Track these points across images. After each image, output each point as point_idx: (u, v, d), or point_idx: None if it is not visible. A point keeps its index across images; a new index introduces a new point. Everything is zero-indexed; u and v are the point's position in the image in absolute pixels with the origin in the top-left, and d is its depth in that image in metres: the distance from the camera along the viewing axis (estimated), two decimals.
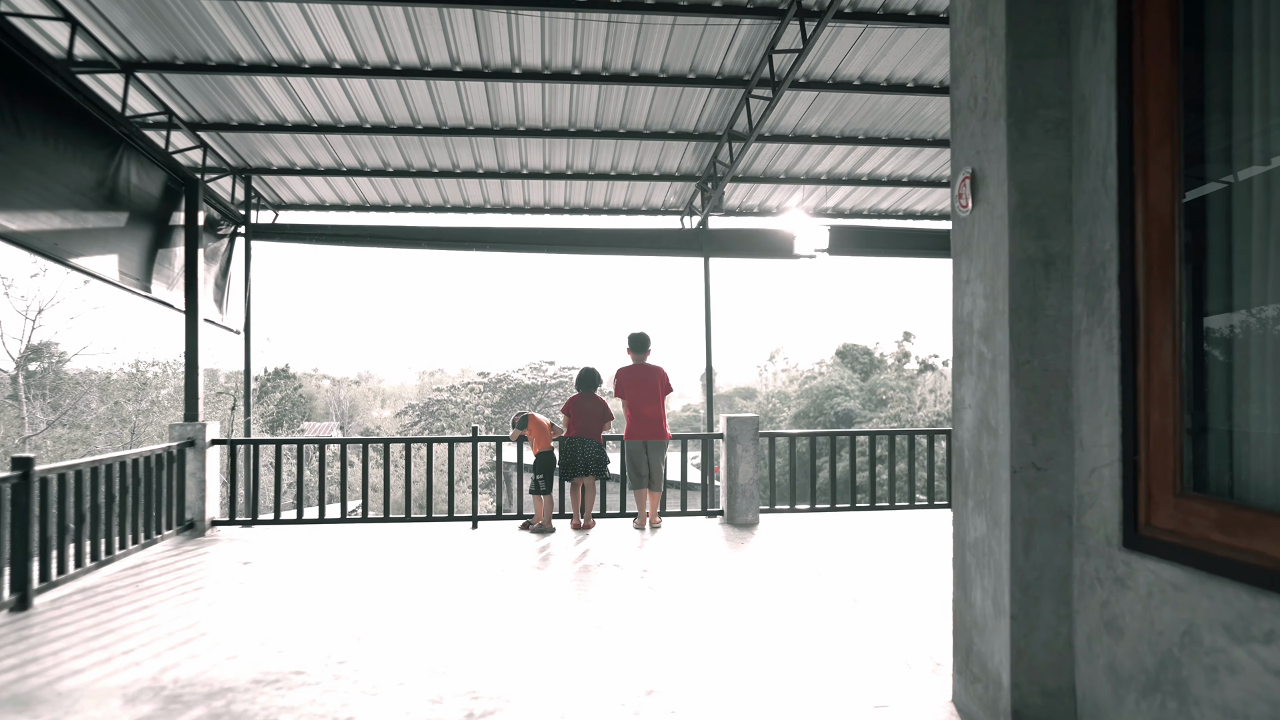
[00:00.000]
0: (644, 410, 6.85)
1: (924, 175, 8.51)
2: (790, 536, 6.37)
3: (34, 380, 30.85)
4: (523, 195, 8.96)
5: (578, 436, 6.80)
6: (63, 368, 31.54)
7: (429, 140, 7.35)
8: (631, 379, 6.88)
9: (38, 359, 34.17)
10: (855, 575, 5.03)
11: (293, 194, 8.79)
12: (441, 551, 5.89)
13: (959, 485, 2.88)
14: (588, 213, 9.38)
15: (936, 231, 9.20)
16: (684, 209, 9.32)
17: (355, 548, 6.05)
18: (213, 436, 6.77)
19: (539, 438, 6.78)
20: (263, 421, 36.09)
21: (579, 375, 6.94)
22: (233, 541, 6.32)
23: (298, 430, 45.52)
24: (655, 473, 6.92)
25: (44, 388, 30.20)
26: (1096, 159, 2.44)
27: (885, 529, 6.63)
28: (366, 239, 8.15)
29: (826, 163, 8.14)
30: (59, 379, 30.79)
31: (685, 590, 4.70)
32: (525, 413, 6.86)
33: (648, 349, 6.98)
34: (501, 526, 6.94)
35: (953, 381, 2.89)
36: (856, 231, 8.81)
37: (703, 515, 7.25)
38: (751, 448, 7.08)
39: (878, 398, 48.76)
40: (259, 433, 32.49)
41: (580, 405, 6.86)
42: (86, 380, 30.20)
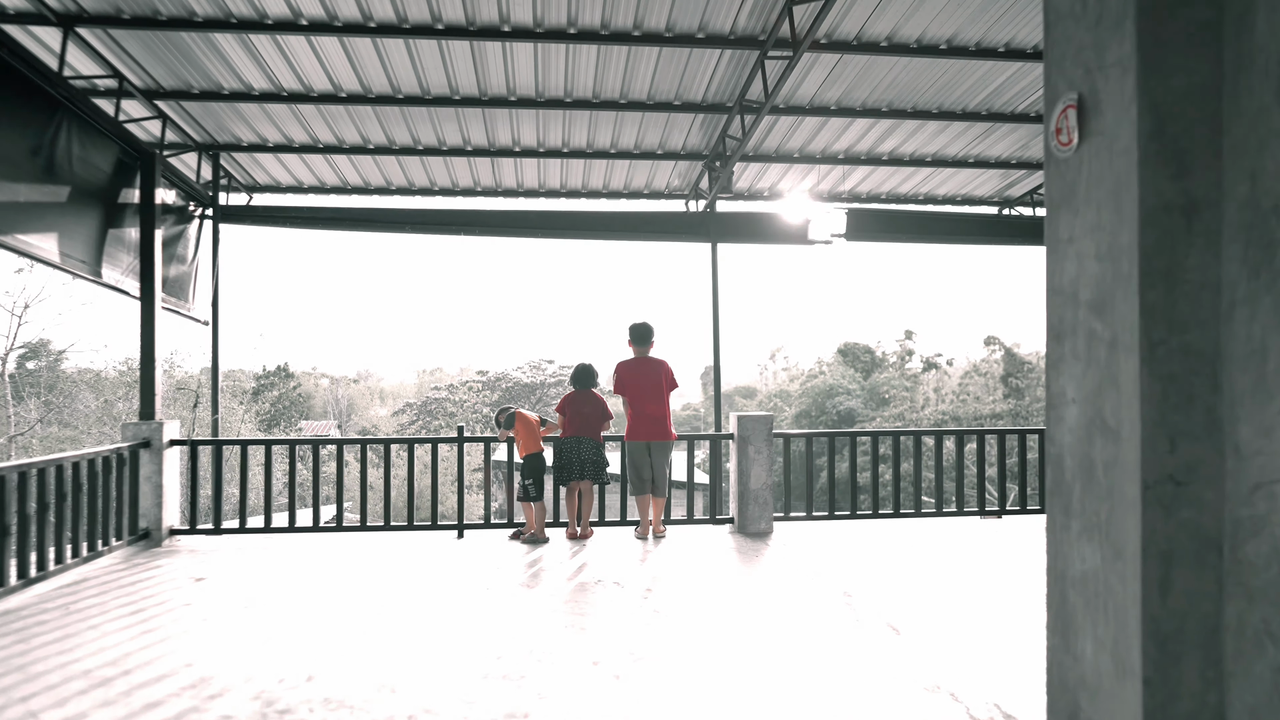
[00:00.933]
0: (646, 408, 6.22)
1: (949, 154, 7.87)
2: (809, 548, 5.74)
3: (31, 379, 30.16)
4: (515, 177, 8.33)
5: (574, 436, 6.18)
6: (60, 366, 30.83)
7: (411, 112, 6.71)
8: (633, 374, 6.26)
9: (35, 357, 33.57)
10: (891, 598, 4.39)
11: (268, 175, 8.15)
12: (420, 566, 5.26)
13: (1055, 502, 2.26)
14: (585, 196, 8.75)
15: (965, 216, 8.56)
16: (689, 192, 8.68)
17: (325, 561, 5.41)
18: (171, 436, 6.13)
19: (527, 438, 6.16)
20: (258, 421, 35.46)
21: (575, 371, 6.31)
22: (191, 554, 5.69)
23: (295, 430, 44.92)
24: (659, 477, 6.29)
25: (39, 386, 29.56)
26: (1266, 69, 1.81)
27: (917, 540, 6.00)
28: (346, 222, 7.51)
29: (844, 140, 7.50)
30: (56, 377, 30.05)
31: (695, 615, 4.07)
32: (511, 409, 6.23)
33: (651, 341, 6.36)
34: (489, 536, 6.31)
35: (1048, 369, 2.27)
36: (876, 215, 8.17)
37: (710, 523, 6.62)
38: (765, 449, 6.46)
39: (879, 397, 48.21)
40: (251, 433, 31.87)
41: (577, 403, 6.23)
42: (80, 378, 29.51)
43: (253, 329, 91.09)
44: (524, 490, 6.09)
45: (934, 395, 42.31)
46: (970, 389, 42.48)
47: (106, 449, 5.51)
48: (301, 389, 55.21)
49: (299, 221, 7.45)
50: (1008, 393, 40.82)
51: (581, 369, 6.31)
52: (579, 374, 6.30)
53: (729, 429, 6.66)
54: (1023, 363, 42.88)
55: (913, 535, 6.20)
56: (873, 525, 6.66)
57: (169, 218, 6.85)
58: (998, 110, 6.84)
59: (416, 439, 6.26)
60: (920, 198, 8.92)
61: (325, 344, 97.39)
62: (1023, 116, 6.92)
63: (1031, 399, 37.59)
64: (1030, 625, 3.86)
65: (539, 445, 6.24)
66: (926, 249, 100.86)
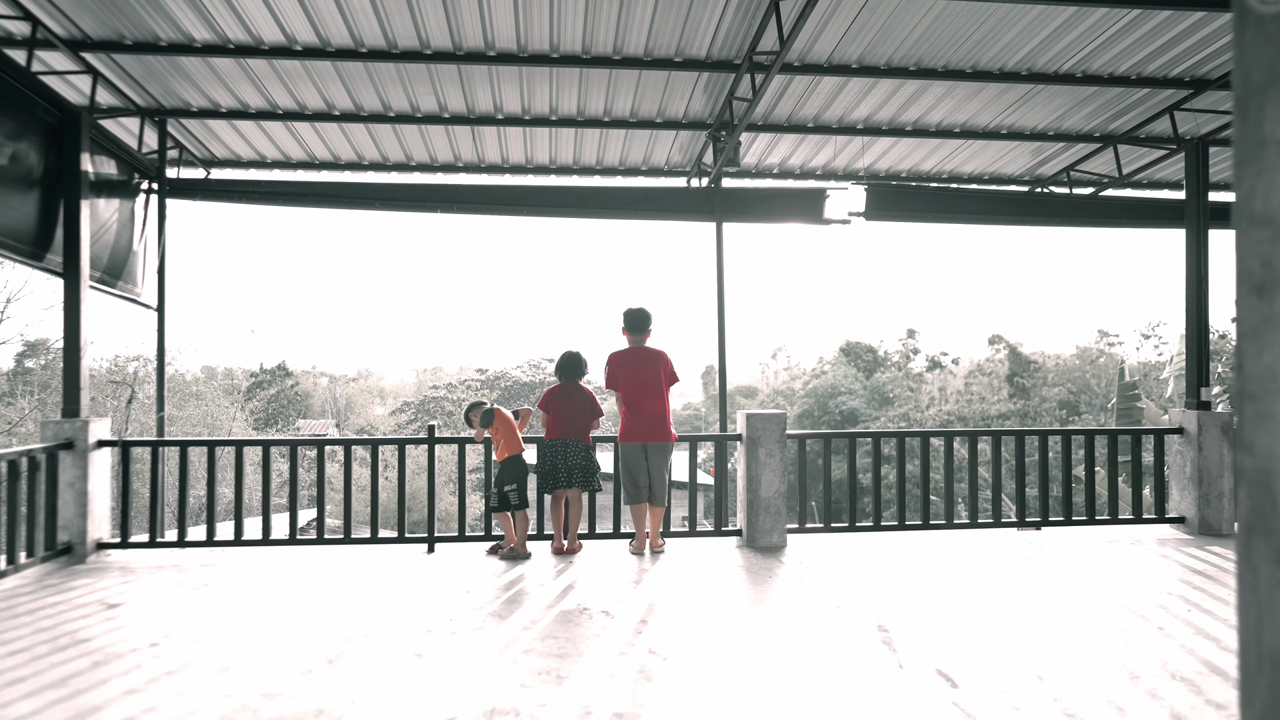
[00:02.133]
0: (643, 405, 5.46)
1: (979, 124, 7.09)
2: (829, 567, 4.97)
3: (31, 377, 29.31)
4: (500, 150, 7.55)
5: (559, 438, 5.41)
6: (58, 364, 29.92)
7: (378, 70, 5.93)
8: (627, 366, 5.49)
9: (34, 355, 32.79)
10: (936, 636, 3.62)
11: (227, 149, 7.38)
12: (378, 588, 4.49)
13: (1256, 543, 1.51)
14: (577, 173, 7.97)
15: (995, 193, 7.78)
16: (691, 169, 7.91)
17: (268, 582, 4.64)
18: (100, 436, 5.37)
19: (509, 438, 5.40)
20: (252, 420, 34.61)
21: (559, 361, 5.55)
22: (120, 572, 4.92)
23: (293, 429, 44.14)
24: (657, 483, 5.53)
25: (33, 385, 28.74)
26: None
27: (952, 558, 5.23)
28: (309, 198, 6.74)
29: (864, 107, 6.73)
30: (51, 375, 29.15)
31: (699, 658, 3.30)
32: (488, 405, 5.46)
33: (648, 329, 5.60)
34: (464, 551, 5.54)
35: (1242, 341, 1.52)
36: (899, 191, 7.39)
37: (715, 535, 5.85)
38: (777, 452, 5.69)
39: (882, 396, 47.53)
40: (242, 432, 31.05)
41: (562, 399, 5.47)
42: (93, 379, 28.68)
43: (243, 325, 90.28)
44: (503, 498, 5.33)
45: (939, 395, 41.53)
46: (975, 389, 41.74)
47: (15, 450, 4.75)
48: (299, 387, 54.52)
49: (257, 197, 6.68)
50: (1013, 392, 40.09)
51: (567, 358, 5.54)
52: (564, 364, 5.54)
53: (736, 429, 5.89)
54: (1028, 362, 42.15)
55: (946, 551, 5.43)
56: (899, 539, 5.89)
57: (108, 190, 6.08)
58: (1039, 70, 6.06)
59: (381, 439, 5.50)
60: (944, 176, 8.14)
61: (325, 342, 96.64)
62: (1066, 77, 6.14)
63: (1040, 399, 36.79)
64: (1122, 677, 3.08)
65: (521, 446, 5.48)
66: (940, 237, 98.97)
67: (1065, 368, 40.66)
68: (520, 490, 5.37)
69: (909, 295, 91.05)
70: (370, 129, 6.92)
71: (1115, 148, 7.22)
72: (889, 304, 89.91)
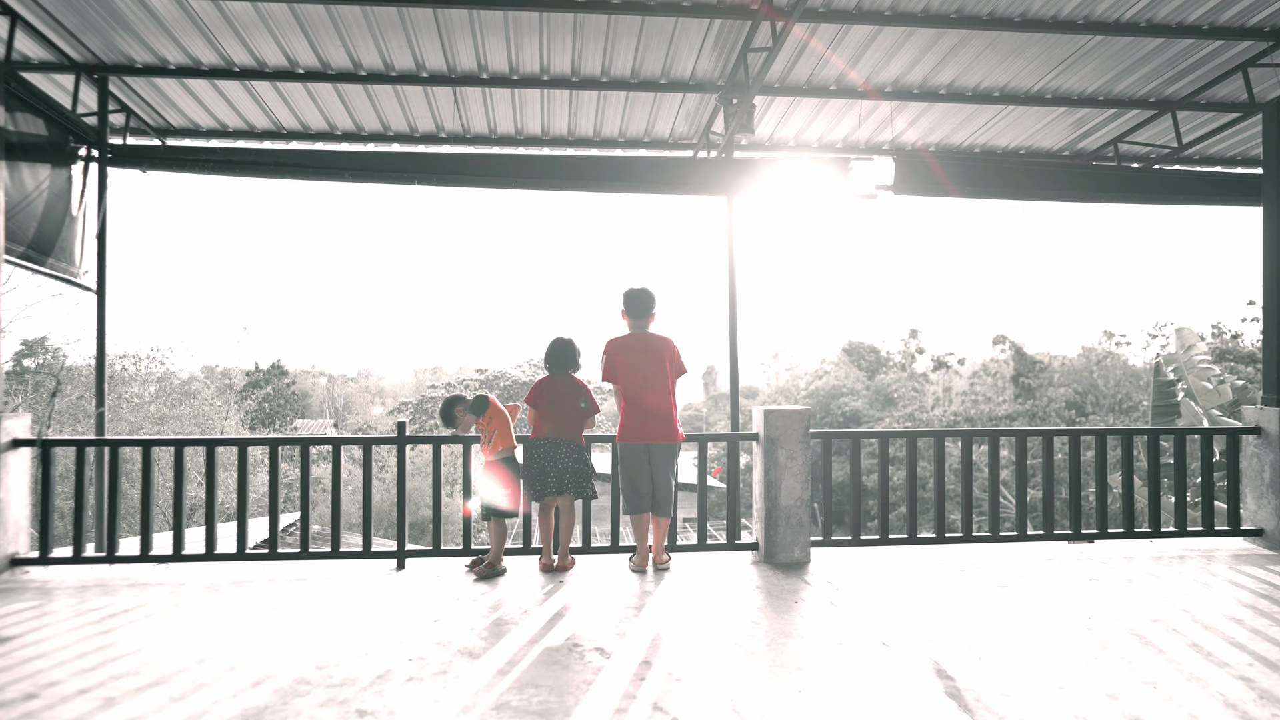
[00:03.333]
0: (646, 400, 4.72)
1: (1021, 87, 6.35)
2: (864, 589, 4.23)
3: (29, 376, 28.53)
4: (486, 118, 6.81)
5: (548, 437, 4.67)
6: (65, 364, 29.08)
7: (342, 14, 5.19)
8: (628, 355, 4.75)
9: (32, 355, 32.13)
10: (1015, 687, 2.86)
11: (183, 115, 6.63)
12: (331, 618, 3.74)
13: None
14: (571, 145, 7.22)
15: (1037, 165, 7.02)
16: (698, 142, 7.16)
17: (201, 608, 3.89)
18: (15, 435, 4.63)
19: (504, 431, 4.67)
20: (246, 420, 33.80)
21: (549, 349, 4.81)
22: (31, 594, 4.18)
23: (290, 429, 43.44)
24: (662, 490, 4.79)
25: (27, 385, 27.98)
26: None
27: (1004, 575, 4.48)
28: (270, 167, 5.99)
29: (894, 66, 5.98)
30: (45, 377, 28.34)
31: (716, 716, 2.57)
32: (484, 396, 4.72)
33: (651, 312, 4.86)
34: (439, 567, 4.80)
35: None
36: (934, 162, 6.64)
37: (728, 549, 5.11)
38: (800, 454, 4.95)
39: (886, 397, 46.90)
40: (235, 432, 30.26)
41: (551, 393, 4.73)
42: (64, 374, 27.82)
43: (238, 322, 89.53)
44: (492, 506, 4.59)
45: (944, 396, 40.84)
46: (980, 389, 41.06)
47: None
48: (297, 387, 53.88)
49: (212, 166, 5.94)
50: (1018, 393, 39.39)
51: (557, 346, 4.80)
52: (554, 353, 4.79)
53: (753, 428, 5.15)
54: (1034, 362, 41.48)
55: (995, 567, 4.69)
56: (938, 553, 5.15)
57: (34, 155, 5.34)
58: (1097, 18, 5.33)
59: (345, 439, 4.76)
60: (975, 151, 7.39)
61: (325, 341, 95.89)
62: (1128, 27, 5.40)
63: (1047, 400, 36.05)
64: None
65: (515, 442, 4.75)
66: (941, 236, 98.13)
67: (1070, 368, 39.96)
68: (518, 493, 4.64)
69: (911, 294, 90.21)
70: (340, 91, 6.18)
71: (1174, 115, 6.48)
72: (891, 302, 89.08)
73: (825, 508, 5.21)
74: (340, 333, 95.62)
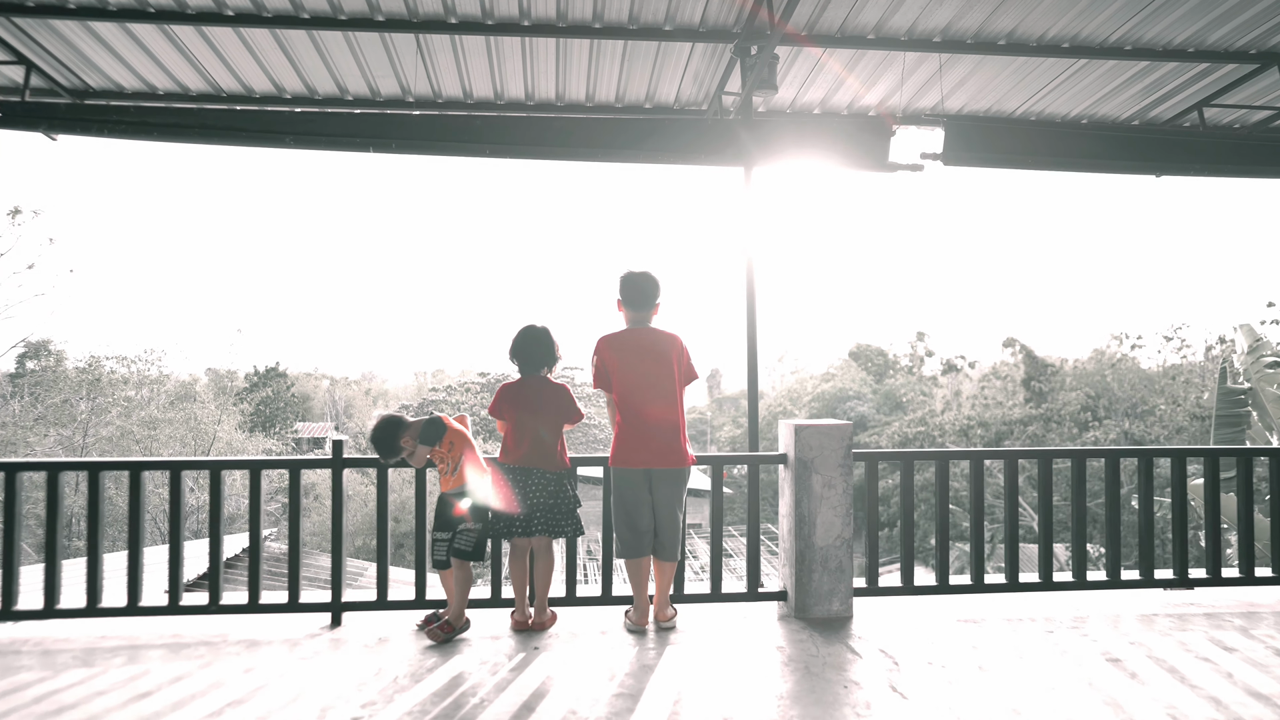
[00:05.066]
0: (647, 412, 3.70)
1: (1096, 37, 5.31)
2: (929, 659, 3.20)
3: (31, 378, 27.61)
4: (460, 79, 5.80)
5: (519, 465, 3.66)
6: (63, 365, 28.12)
7: None
8: (625, 355, 3.74)
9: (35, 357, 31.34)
10: None
11: (103, 76, 5.63)
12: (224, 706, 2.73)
13: None
14: (561, 111, 6.21)
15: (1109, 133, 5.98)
16: (709, 108, 6.15)
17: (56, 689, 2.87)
18: None
19: (473, 457, 3.67)
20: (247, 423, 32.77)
21: (516, 341, 3.79)
22: None
23: (291, 432, 42.52)
24: (667, 528, 3.76)
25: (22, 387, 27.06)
26: None
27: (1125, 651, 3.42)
28: (196, 130, 4.96)
29: (945, 9, 4.96)
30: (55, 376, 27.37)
31: None
32: (438, 418, 3.70)
33: (655, 302, 3.85)
34: (383, 624, 3.78)
35: None
36: (989, 127, 5.61)
37: (748, 598, 4.08)
38: (840, 481, 3.93)
39: (894, 401, 45.90)
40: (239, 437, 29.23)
41: (521, 402, 3.71)
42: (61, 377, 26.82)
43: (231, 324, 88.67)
44: (461, 545, 3.58)
45: (955, 399, 39.75)
46: (989, 393, 40.00)
47: None
48: (298, 389, 53.00)
49: (124, 128, 4.93)
50: (1029, 397, 38.32)
51: (528, 337, 3.77)
52: (523, 346, 3.77)
53: (780, 447, 4.13)
54: (1045, 365, 40.43)
55: (1093, 628, 3.65)
56: (1013, 604, 4.13)
57: None
58: None
59: (266, 461, 3.74)
60: (1031, 118, 6.35)
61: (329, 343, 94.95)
62: None
63: (1060, 403, 34.89)
64: None
65: (484, 468, 3.74)
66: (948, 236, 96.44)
67: (1082, 371, 38.83)
68: (481, 535, 3.62)
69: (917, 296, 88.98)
70: (282, 40, 5.16)
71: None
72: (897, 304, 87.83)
73: (870, 547, 4.18)
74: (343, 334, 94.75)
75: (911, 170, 5.33)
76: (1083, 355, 42.38)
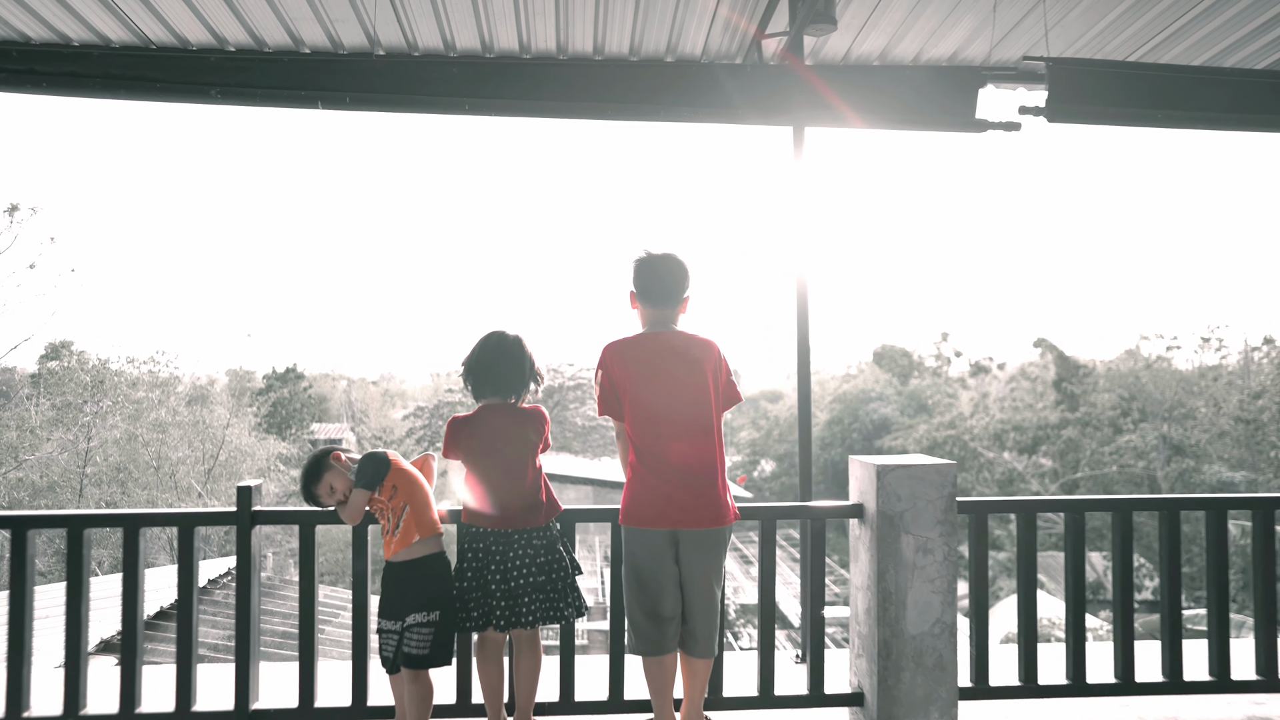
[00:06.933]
0: (671, 449, 2.59)
1: None
2: None
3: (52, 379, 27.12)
4: (440, 25, 4.73)
5: (493, 529, 2.58)
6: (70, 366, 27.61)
7: None
8: (642, 368, 2.63)
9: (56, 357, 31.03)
10: None
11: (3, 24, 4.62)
12: None
13: None
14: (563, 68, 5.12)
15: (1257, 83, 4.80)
16: (742, 57, 5.03)
17: None
18: None
19: (419, 510, 2.61)
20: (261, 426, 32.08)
21: (475, 354, 2.69)
22: None
23: (307, 433, 41.87)
24: (700, 613, 2.65)
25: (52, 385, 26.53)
26: None
27: None
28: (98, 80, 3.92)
29: None
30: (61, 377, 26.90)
31: None
32: (380, 452, 2.62)
33: (682, 296, 2.74)
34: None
35: None
36: (1107, 74, 4.45)
37: (811, 704, 2.96)
38: (941, 543, 2.80)
39: (919, 403, 44.56)
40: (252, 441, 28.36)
41: (480, 442, 2.61)
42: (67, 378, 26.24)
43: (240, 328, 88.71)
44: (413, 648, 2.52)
45: (985, 402, 38.29)
46: (1019, 395, 38.55)
47: None
48: (314, 390, 52.54)
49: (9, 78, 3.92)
50: (1060, 399, 36.84)
51: (493, 350, 2.67)
52: (486, 361, 2.67)
53: (853, 495, 3.02)
54: (1077, 366, 38.90)
55: None
56: (1175, 709, 2.99)
57: None
58: None
59: (145, 515, 2.70)
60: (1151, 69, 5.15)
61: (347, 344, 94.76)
62: None
63: (1103, 406, 33.30)
64: None
65: (439, 526, 2.66)
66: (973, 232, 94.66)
67: (1115, 372, 37.26)
68: (441, 631, 2.55)
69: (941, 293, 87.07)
70: None
71: None
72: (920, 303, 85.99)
73: (977, 632, 3.06)
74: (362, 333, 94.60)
75: (1005, 130, 4.18)
76: (1110, 355, 40.84)
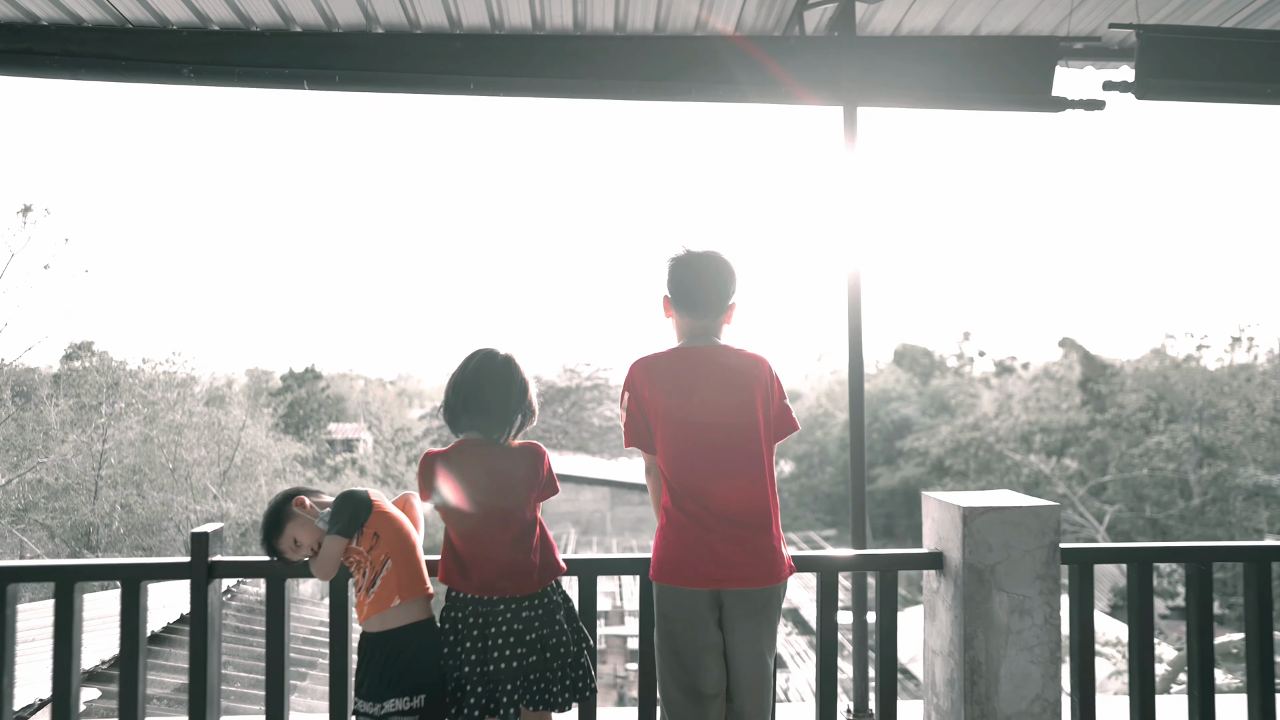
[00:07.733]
0: (714, 490, 2.08)
1: None
2: None
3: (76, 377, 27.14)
4: (445, 4, 4.27)
5: (476, 594, 2.08)
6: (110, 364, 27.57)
7: None
8: (678, 392, 2.13)
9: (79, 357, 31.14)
10: None
11: None
12: None
13: None
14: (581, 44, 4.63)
15: None
16: (781, 30, 4.51)
17: None
18: None
19: (407, 567, 2.14)
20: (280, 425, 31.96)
21: (458, 378, 2.17)
22: None
23: (325, 433, 41.80)
24: (749, 688, 2.13)
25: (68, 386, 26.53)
26: None
27: None
28: (56, 58, 3.50)
29: None
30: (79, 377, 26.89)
31: None
32: (359, 491, 2.15)
33: (728, 303, 2.24)
34: None
35: None
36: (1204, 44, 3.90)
37: None
38: (1041, 604, 2.28)
39: (941, 403, 43.80)
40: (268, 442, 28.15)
41: (464, 483, 2.11)
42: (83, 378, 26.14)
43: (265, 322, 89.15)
44: None
45: (1009, 403, 37.46)
46: (1044, 395, 37.70)
47: None
48: (332, 390, 52.55)
49: None
50: (1086, 399, 35.97)
51: (480, 373, 2.16)
52: (471, 388, 2.14)
53: (930, 540, 2.51)
54: (1103, 366, 37.97)
55: None
56: None
57: None
58: None
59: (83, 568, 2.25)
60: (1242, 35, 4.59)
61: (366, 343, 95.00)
62: None
63: (1133, 407, 32.35)
64: None
65: (427, 586, 2.18)
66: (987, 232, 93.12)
67: (1143, 372, 36.32)
68: (433, 711, 2.08)
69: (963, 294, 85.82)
70: None
71: None
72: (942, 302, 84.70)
73: (1081, 710, 2.54)
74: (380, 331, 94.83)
75: (1087, 109, 3.65)
76: (1135, 355, 39.87)
